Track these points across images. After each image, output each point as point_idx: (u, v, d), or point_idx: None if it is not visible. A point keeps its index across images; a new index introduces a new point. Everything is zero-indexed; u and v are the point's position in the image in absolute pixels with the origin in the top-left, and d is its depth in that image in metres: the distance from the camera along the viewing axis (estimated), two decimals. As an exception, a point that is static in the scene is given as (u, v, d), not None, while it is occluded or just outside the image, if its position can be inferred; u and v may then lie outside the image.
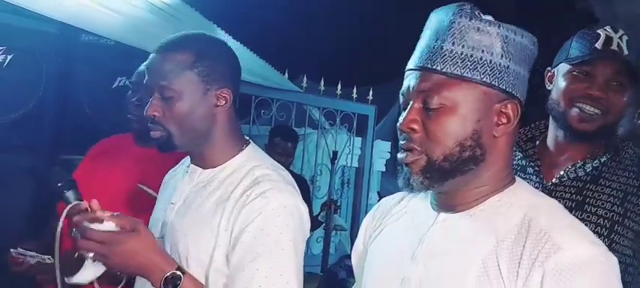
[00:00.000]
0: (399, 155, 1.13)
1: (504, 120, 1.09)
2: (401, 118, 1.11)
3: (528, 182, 1.26)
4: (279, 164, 1.56)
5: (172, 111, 1.44)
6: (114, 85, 3.30)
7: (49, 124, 3.13)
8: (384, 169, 6.41)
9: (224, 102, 1.47)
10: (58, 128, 3.17)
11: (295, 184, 1.51)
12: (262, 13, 6.05)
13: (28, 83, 2.96)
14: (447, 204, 1.15)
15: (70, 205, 1.46)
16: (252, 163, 1.50)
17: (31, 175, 3.05)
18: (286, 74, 4.95)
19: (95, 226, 1.37)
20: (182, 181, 1.56)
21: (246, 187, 1.43)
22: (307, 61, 5.33)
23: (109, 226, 1.38)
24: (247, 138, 1.59)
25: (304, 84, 5.16)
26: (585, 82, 1.56)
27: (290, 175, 1.54)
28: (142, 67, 1.90)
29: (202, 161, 1.53)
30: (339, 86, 5.31)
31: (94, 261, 1.39)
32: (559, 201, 1.17)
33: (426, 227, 1.16)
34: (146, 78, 1.48)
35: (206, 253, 1.42)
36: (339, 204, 5.23)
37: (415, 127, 1.09)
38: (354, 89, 5.40)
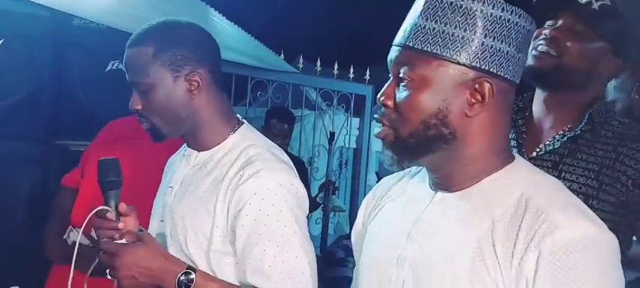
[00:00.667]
0: (374, 130, 1.13)
1: (479, 98, 1.06)
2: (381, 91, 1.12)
3: None
4: (273, 143, 1.56)
5: (150, 103, 1.47)
6: (107, 69, 3.27)
7: (42, 109, 3.10)
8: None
9: (196, 85, 1.47)
10: (52, 114, 3.15)
11: (290, 162, 1.52)
12: (257, -6, 5.99)
13: (20, 69, 2.92)
14: (442, 183, 1.13)
15: (96, 209, 1.48)
16: (245, 142, 1.51)
17: (25, 161, 3.04)
18: (282, 55, 4.91)
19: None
20: (180, 165, 1.58)
21: (239, 167, 1.44)
22: (303, 42, 5.28)
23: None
24: (240, 118, 1.58)
25: (300, 65, 5.12)
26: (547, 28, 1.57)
27: (285, 154, 1.54)
28: None
29: (196, 144, 1.54)
30: (336, 66, 5.27)
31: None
32: None
33: (422, 206, 1.15)
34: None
35: (203, 236, 1.44)
36: (337, 185, 5.22)
37: (389, 102, 1.09)
38: (351, 69, 5.36)
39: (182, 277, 1.39)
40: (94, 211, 1.47)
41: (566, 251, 0.97)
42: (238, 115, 1.60)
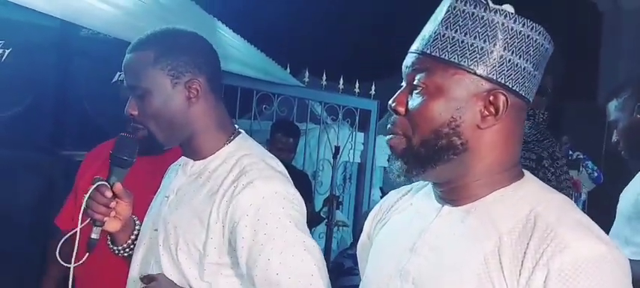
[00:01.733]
0: (386, 138, 1.12)
1: (492, 110, 1.05)
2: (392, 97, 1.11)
3: None
4: (268, 152, 1.56)
5: (146, 108, 1.47)
6: (113, 80, 3.27)
7: (47, 119, 3.11)
8: (387, 165, 6.35)
9: (195, 93, 1.47)
10: (56, 124, 3.16)
11: (286, 171, 1.51)
12: (264, 8, 6.02)
13: (27, 78, 2.94)
14: (449, 197, 1.12)
15: (97, 183, 1.47)
16: (240, 152, 1.50)
17: (30, 170, 3.04)
18: (288, 69, 4.92)
19: None
20: (177, 175, 1.58)
21: (234, 178, 1.44)
22: (309, 56, 5.29)
23: None
24: (237, 127, 1.58)
25: (306, 79, 5.12)
26: None
27: (280, 163, 1.53)
28: None
29: (192, 153, 1.54)
30: (341, 81, 5.27)
31: None
32: None
33: (429, 220, 1.13)
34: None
35: (195, 247, 1.43)
36: (341, 200, 5.19)
37: (400, 109, 1.08)
38: (357, 84, 5.36)
39: None
40: (94, 185, 1.46)
41: (575, 270, 0.96)
42: (236, 125, 1.59)
